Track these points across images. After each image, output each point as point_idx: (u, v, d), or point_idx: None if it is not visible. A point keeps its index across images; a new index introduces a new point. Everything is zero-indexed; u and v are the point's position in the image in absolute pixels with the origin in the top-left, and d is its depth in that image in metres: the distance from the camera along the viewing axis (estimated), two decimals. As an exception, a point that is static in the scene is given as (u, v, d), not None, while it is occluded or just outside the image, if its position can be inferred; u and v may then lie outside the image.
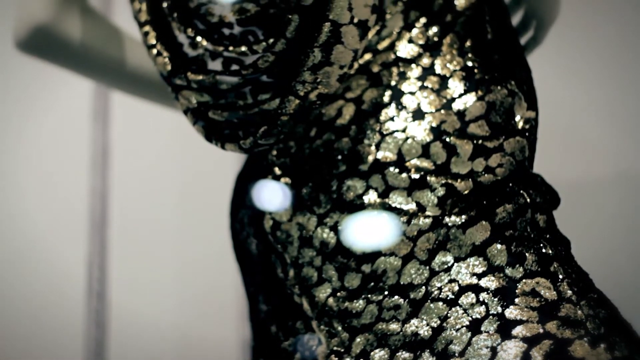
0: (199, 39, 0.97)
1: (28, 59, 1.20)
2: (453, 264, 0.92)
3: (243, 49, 0.94)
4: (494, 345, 0.87)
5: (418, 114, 0.97)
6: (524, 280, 0.90)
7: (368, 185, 0.96)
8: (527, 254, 0.91)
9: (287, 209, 1.00)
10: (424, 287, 0.93)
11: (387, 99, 0.99)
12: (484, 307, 0.89)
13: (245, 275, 1.12)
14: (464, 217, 0.93)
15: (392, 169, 0.96)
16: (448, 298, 0.91)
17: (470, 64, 0.99)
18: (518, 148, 0.96)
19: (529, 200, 0.94)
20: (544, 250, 0.92)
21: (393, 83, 0.99)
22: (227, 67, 0.95)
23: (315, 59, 0.91)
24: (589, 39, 1.83)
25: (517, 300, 0.89)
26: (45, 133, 2.15)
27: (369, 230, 0.95)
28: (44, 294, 2.10)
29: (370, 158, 0.96)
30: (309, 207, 0.99)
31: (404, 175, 0.95)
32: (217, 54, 0.96)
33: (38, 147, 2.15)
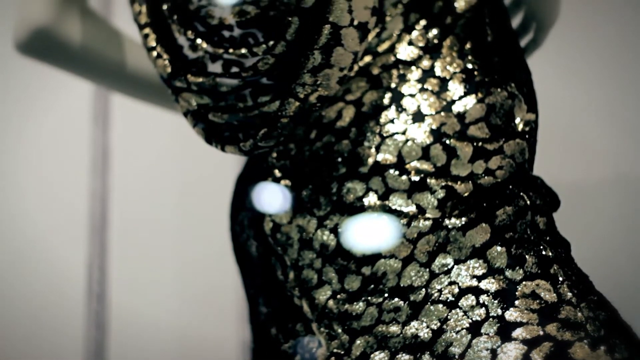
0: (199, 42, 0.97)
1: (28, 61, 1.20)
2: (453, 266, 0.92)
3: (243, 52, 0.94)
4: (494, 348, 0.87)
5: (418, 116, 0.97)
6: (524, 283, 0.90)
7: (368, 188, 0.96)
8: (527, 256, 0.91)
9: (287, 211, 1.00)
10: (424, 289, 0.93)
11: (387, 101, 0.99)
12: (484, 309, 0.89)
13: (245, 278, 1.12)
14: (464, 219, 0.93)
15: (392, 171, 0.96)
16: (448, 300, 0.91)
17: (470, 67, 0.99)
18: (518, 150, 0.96)
19: (529, 203, 0.94)
20: (544, 253, 0.92)
21: (393, 85, 1.00)
22: (227, 69, 0.95)
23: (315, 62, 0.91)
24: (589, 41, 1.83)
25: (517, 303, 0.89)
26: (46, 135, 2.15)
27: (369, 233, 0.95)
28: (44, 296, 2.10)
29: (370, 160, 0.97)
30: (309, 209, 0.99)
31: (404, 178, 0.95)
32: (217, 57, 0.96)
33: (38, 149, 2.15)
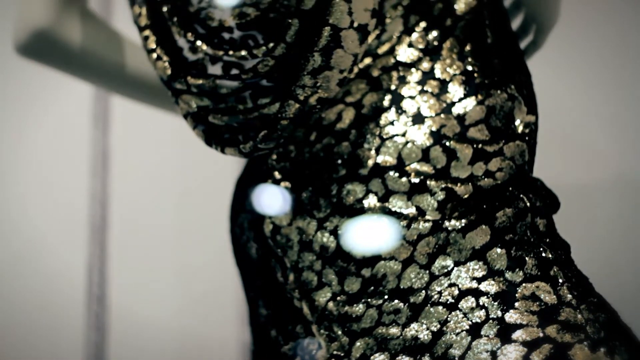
0: (199, 43, 0.97)
1: (28, 63, 1.20)
2: (453, 268, 0.92)
3: (243, 53, 0.94)
4: (494, 350, 0.87)
5: (418, 118, 0.97)
6: (524, 284, 0.90)
7: (368, 190, 0.96)
8: (527, 258, 0.91)
9: (287, 213, 1.00)
10: (424, 291, 0.93)
11: (387, 103, 0.99)
12: (484, 311, 0.89)
13: (245, 280, 1.12)
14: (464, 221, 0.93)
15: (392, 173, 0.96)
16: (448, 302, 0.91)
17: (470, 68, 0.99)
18: (518, 152, 0.96)
19: (529, 205, 0.94)
20: (544, 254, 0.92)
21: (393, 87, 1.00)
22: (227, 71, 0.95)
23: (315, 63, 0.91)
24: (589, 43, 1.83)
25: (517, 304, 0.89)
26: (46, 137, 2.15)
27: (369, 235, 0.95)
28: (44, 298, 2.10)
29: (370, 162, 0.97)
30: (309, 211, 0.99)
31: (404, 180, 0.95)
32: (217, 58, 0.96)
33: (38, 151, 2.15)
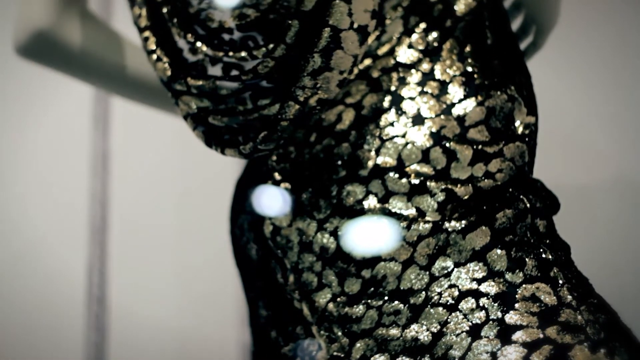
0: (199, 45, 0.97)
1: (28, 64, 1.20)
2: (453, 269, 0.92)
3: (243, 55, 0.94)
4: (494, 351, 0.87)
5: (418, 119, 0.97)
6: (524, 286, 0.90)
7: (368, 191, 0.96)
8: (527, 259, 0.91)
9: (287, 215, 1.00)
10: (424, 292, 0.93)
11: (386, 104, 0.99)
12: (484, 312, 0.89)
13: (245, 281, 1.12)
14: (464, 222, 0.93)
15: (392, 174, 0.96)
16: (448, 303, 0.91)
17: (470, 69, 0.99)
18: (518, 153, 0.96)
19: (529, 206, 0.94)
20: (544, 256, 0.92)
21: (393, 88, 1.00)
22: (227, 72, 0.95)
23: (315, 65, 0.91)
24: (589, 44, 1.83)
25: (517, 306, 0.89)
26: (46, 138, 2.15)
27: (369, 236, 0.95)
28: (44, 299, 2.10)
29: (370, 163, 0.96)
30: (309, 212, 0.99)
31: (404, 181, 0.95)
32: (217, 60, 0.96)
33: (38, 152, 2.15)
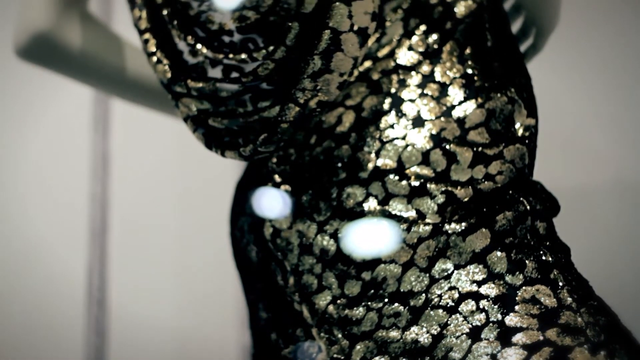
0: (199, 47, 0.97)
1: (28, 66, 1.20)
2: (453, 272, 0.92)
3: (243, 57, 0.94)
4: (494, 353, 0.87)
5: (418, 122, 0.97)
6: (524, 288, 0.90)
7: (368, 193, 0.96)
8: (527, 262, 0.91)
9: (287, 217, 1.00)
10: (424, 294, 0.93)
11: (387, 107, 0.99)
12: (484, 314, 0.89)
13: (245, 283, 1.12)
14: (464, 224, 0.93)
15: (392, 177, 0.96)
16: (448, 305, 0.91)
17: (470, 72, 0.99)
18: (518, 155, 0.96)
19: (529, 208, 0.94)
20: (544, 258, 0.92)
21: (393, 90, 1.00)
22: (227, 74, 0.95)
23: (315, 67, 0.91)
24: (589, 46, 1.83)
25: (517, 308, 0.89)
26: (46, 140, 2.15)
27: (369, 238, 0.95)
28: (44, 301, 2.10)
29: (370, 165, 0.97)
30: (309, 214, 0.99)
31: (404, 183, 0.95)
32: (217, 62, 0.96)
33: (38, 153, 2.16)
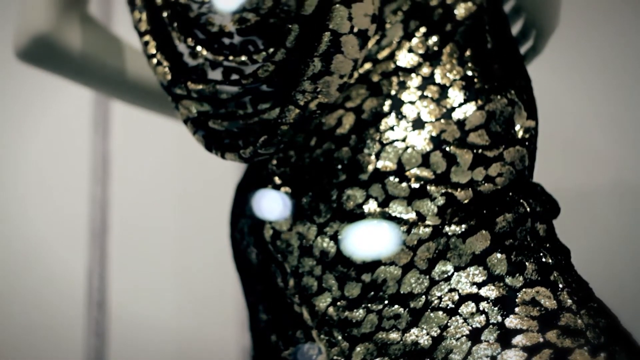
0: (199, 49, 0.97)
1: (28, 68, 1.20)
2: (453, 273, 0.92)
3: (243, 59, 0.94)
4: (494, 355, 0.87)
5: (418, 123, 0.97)
6: (524, 290, 0.90)
7: (368, 195, 0.96)
8: (527, 263, 0.91)
9: (287, 219, 1.00)
10: (424, 296, 0.93)
11: (387, 109, 0.99)
12: (484, 316, 0.89)
13: (245, 285, 1.12)
14: (464, 226, 0.93)
15: (392, 178, 0.96)
16: (448, 307, 0.91)
17: (470, 74, 0.99)
18: (518, 157, 0.96)
19: (529, 210, 0.94)
20: (544, 260, 0.92)
21: (393, 92, 1.00)
22: (227, 76, 0.95)
23: (315, 69, 0.91)
24: (589, 48, 1.83)
25: (517, 310, 0.89)
26: (46, 141, 2.15)
27: (369, 240, 0.95)
28: (44, 303, 2.10)
29: (370, 167, 0.97)
30: (309, 216, 0.99)
31: (404, 185, 0.95)
32: (217, 64, 0.96)
33: (38, 155, 2.16)
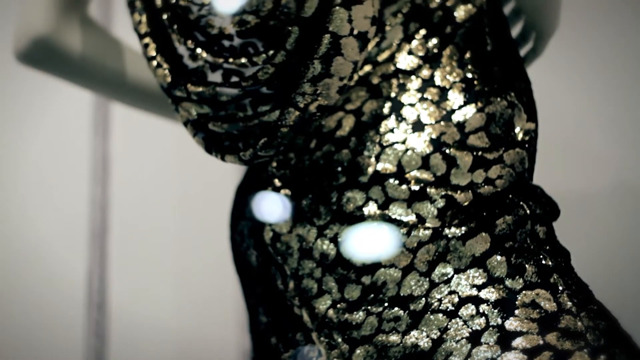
0: (199, 51, 0.97)
1: (28, 70, 1.20)
2: (453, 276, 0.92)
3: (243, 61, 0.94)
4: (494, 357, 0.87)
5: (418, 126, 0.97)
6: (524, 292, 0.90)
7: (368, 197, 0.96)
8: (527, 266, 0.91)
9: (287, 221, 1.00)
10: (424, 298, 0.93)
11: (386, 111, 0.99)
12: (484, 318, 0.89)
13: (245, 287, 1.12)
14: (464, 228, 0.93)
15: (391, 181, 0.96)
16: (448, 309, 0.91)
17: (470, 76, 0.99)
18: (518, 159, 0.96)
19: (529, 212, 0.94)
20: (544, 262, 0.92)
21: (393, 95, 1.00)
22: (227, 78, 0.95)
23: (315, 71, 0.91)
24: (589, 50, 1.83)
25: (517, 312, 0.89)
26: (46, 143, 2.16)
27: (369, 242, 0.95)
28: (44, 305, 2.10)
29: (370, 170, 0.97)
30: (309, 218, 0.99)
31: (404, 187, 0.95)
32: (217, 66, 0.96)
33: (38, 157, 2.16)
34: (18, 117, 2.16)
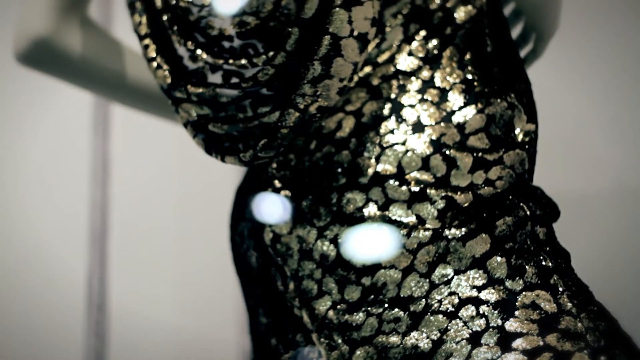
0: (199, 52, 0.97)
1: (28, 71, 1.20)
2: (453, 277, 0.92)
3: (243, 62, 0.94)
4: (494, 358, 0.87)
5: (418, 127, 0.97)
6: (524, 293, 0.90)
7: (368, 198, 0.96)
8: (527, 267, 0.91)
9: (287, 222, 1.00)
10: (424, 299, 0.93)
11: (387, 112, 0.99)
12: (484, 319, 0.89)
13: (245, 288, 1.12)
14: (464, 229, 0.93)
15: (392, 182, 0.96)
16: (448, 311, 0.91)
17: (470, 77, 0.99)
18: (518, 161, 0.96)
19: (529, 213, 0.94)
20: (544, 263, 0.92)
21: (393, 96, 1.00)
22: (227, 80, 0.95)
23: (315, 72, 0.91)
24: (589, 47, 1.83)
25: (517, 313, 0.89)
26: (46, 144, 2.16)
27: (369, 243, 0.95)
28: (44, 304, 2.10)
29: (370, 171, 0.97)
30: (309, 219, 0.99)
31: (404, 188, 0.95)
32: (217, 67, 0.96)
33: (38, 157, 2.16)
34: (18, 117, 2.16)
